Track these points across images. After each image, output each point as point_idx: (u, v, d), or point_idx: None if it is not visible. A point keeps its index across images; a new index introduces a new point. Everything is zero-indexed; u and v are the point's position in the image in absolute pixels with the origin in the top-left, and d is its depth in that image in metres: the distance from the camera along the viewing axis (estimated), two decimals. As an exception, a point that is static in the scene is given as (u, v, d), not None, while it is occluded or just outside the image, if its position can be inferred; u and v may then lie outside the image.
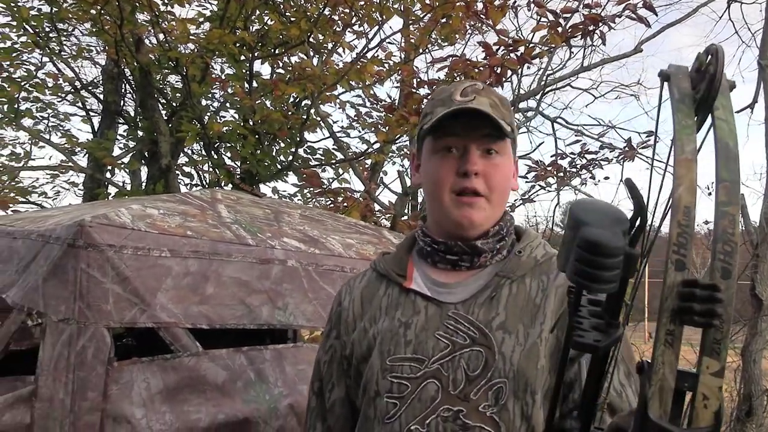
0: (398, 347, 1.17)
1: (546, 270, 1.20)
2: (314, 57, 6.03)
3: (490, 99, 1.19)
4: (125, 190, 5.87)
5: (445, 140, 1.19)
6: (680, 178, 0.64)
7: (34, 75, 5.65)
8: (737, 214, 0.62)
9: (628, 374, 1.14)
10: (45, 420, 1.88)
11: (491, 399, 1.10)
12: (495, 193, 1.19)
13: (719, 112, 0.65)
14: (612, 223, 0.61)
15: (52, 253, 2.01)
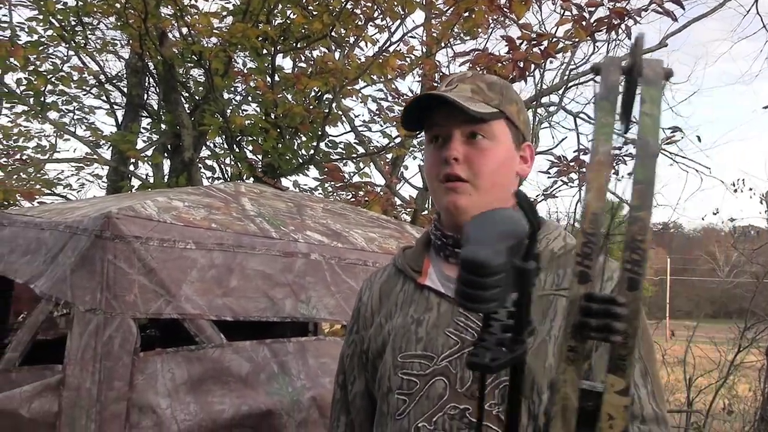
0: (409, 344, 1.17)
1: (563, 263, 1.16)
2: (336, 51, 6.03)
3: (474, 85, 1.19)
4: (148, 182, 5.92)
5: (432, 130, 1.21)
6: (589, 183, 0.59)
7: (60, 68, 5.72)
8: (649, 218, 0.58)
9: (644, 374, 1.08)
10: (72, 408, 1.91)
11: (498, 397, 1.08)
12: (481, 177, 1.16)
13: (645, 106, 0.61)
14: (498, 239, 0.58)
15: (80, 244, 2.04)
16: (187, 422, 1.95)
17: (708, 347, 6.44)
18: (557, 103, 7.88)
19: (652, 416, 1.04)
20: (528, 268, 0.57)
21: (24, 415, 1.97)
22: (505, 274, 0.56)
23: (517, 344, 0.60)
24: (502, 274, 0.56)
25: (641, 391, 1.06)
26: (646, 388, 1.06)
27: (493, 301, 0.56)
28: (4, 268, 2.68)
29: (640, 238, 0.56)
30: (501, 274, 0.56)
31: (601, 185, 0.58)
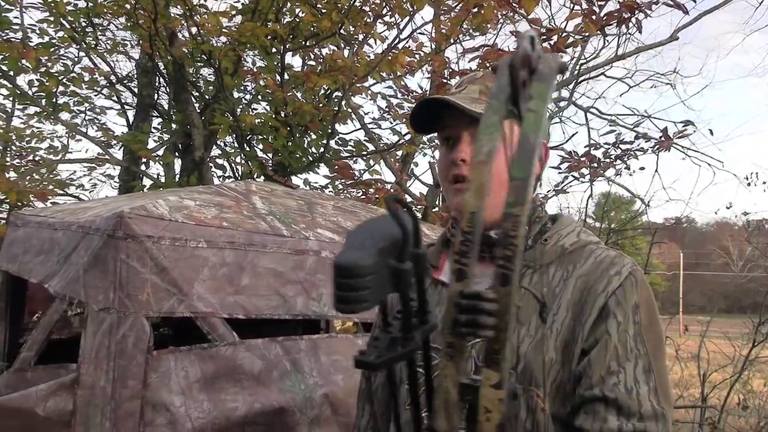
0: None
1: (575, 259, 1.16)
2: (345, 48, 6.03)
3: (482, 85, 1.20)
4: (160, 182, 5.95)
5: (444, 132, 1.22)
6: (469, 182, 0.60)
7: (71, 69, 5.76)
8: (523, 214, 0.57)
9: (648, 370, 1.06)
10: (87, 407, 1.93)
11: None
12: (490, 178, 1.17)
13: (531, 102, 0.60)
14: (368, 243, 0.58)
15: (93, 243, 2.05)
16: (201, 420, 1.96)
17: (722, 342, 6.39)
18: (568, 98, 7.83)
19: (650, 413, 1.02)
20: (403, 268, 0.58)
21: (39, 414, 1.99)
22: (376, 276, 0.57)
23: (407, 341, 0.61)
24: (370, 276, 0.57)
25: (642, 388, 1.04)
26: (648, 385, 1.05)
27: (364, 302, 0.57)
28: (19, 268, 2.70)
29: (513, 234, 0.56)
30: (369, 276, 0.57)
31: (480, 184, 0.58)
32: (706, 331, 6.27)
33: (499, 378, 0.58)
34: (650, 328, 1.09)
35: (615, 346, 1.06)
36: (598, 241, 1.22)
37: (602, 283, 1.10)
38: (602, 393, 1.03)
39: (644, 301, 1.10)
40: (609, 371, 1.04)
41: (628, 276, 1.10)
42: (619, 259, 1.14)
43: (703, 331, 6.29)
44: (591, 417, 1.04)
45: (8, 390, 2.20)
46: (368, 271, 0.57)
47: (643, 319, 1.08)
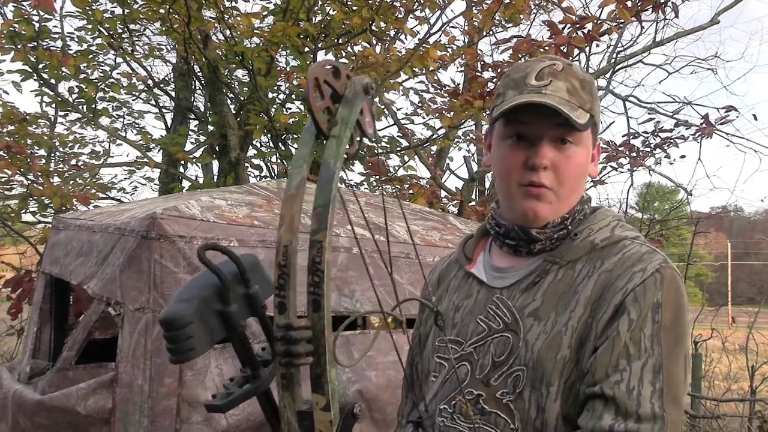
0: (446, 329, 1.19)
1: (605, 255, 1.10)
2: (377, 45, 6.03)
3: (568, 83, 1.11)
4: (198, 183, 6.05)
5: (516, 127, 1.12)
6: (282, 218, 0.61)
7: (109, 75, 5.88)
8: (326, 239, 0.57)
9: (656, 371, 0.99)
10: (125, 404, 1.97)
11: (510, 386, 1.08)
12: (564, 186, 1.11)
13: (335, 129, 0.61)
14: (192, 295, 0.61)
15: (128, 245, 2.10)
16: (236, 416, 1.98)
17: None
18: (605, 87, 7.70)
19: (648, 415, 0.96)
20: (226, 310, 0.61)
21: (80, 412, 2.04)
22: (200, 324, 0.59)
23: (255, 379, 0.65)
24: (191, 324, 0.59)
25: (645, 389, 0.98)
26: (653, 386, 0.98)
27: (191, 350, 0.60)
28: (60, 270, 2.77)
29: (318, 260, 0.57)
30: (190, 325, 0.59)
31: (292, 218, 0.59)
32: (754, 322, 6.10)
33: (325, 401, 0.60)
34: (672, 330, 1.02)
35: (625, 344, 1.01)
36: (636, 236, 1.15)
37: (624, 279, 1.05)
38: (602, 390, 0.99)
39: (670, 300, 1.03)
40: (615, 369, 1.00)
41: (654, 273, 1.04)
42: (649, 255, 1.08)
43: (751, 323, 6.11)
44: (589, 413, 1.00)
45: (52, 389, 2.26)
46: (188, 320, 0.60)
47: (665, 319, 1.02)
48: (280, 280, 0.63)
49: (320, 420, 0.61)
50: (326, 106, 0.66)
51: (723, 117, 5.84)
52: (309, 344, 0.61)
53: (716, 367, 6.29)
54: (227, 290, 0.63)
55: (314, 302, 0.61)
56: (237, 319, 0.64)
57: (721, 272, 24.12)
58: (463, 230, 3.00)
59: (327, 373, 0.61)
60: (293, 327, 0.61)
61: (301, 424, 0.63)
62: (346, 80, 0.66)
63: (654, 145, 5.93)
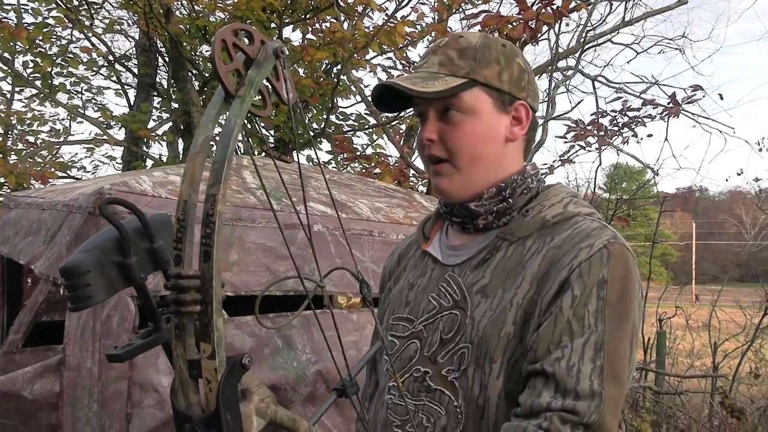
0: (400, 307, 1.20)
1: (556, 231, 1.08)
2: (344, 21, 5.91)
3: (443, 56, 1.11)
4: (162, 162, 5.90)
5: (415, 108, 1.15)
6: (185, 174, 0.63)
7: (67, 49, 5.68)
8: (219, 193, 0.61)
9: (598, 348, 0.97)
10: (74, 388, 1.89)
11: (455, 364, 1.07)
12: (458, 155, 1.10)
13: (241, 89, 0.65)
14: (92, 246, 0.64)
15: (75, 222, 2.00)
16: (190, 399, 1.92)
17: (734, 311, 6.31)
18: (574, 66, 7.68)
19: (586, 393, 0.94)
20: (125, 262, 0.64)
21: (27, 397, 1.96)
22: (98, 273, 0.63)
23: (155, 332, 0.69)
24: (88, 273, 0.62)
25: (585, 366, 0.95)
26: (593, 363, 0.96)
27: (89, 298, 0.63)
28: (9, 250, 2.67)
29: (211, 212, 0.60)
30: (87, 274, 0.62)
31: (193, 174, 0.62)
32: (717, 299, 6.19)
33: (211, 349, 0.62)
34: (617, 306, 0.99)
35: (568, 320, 0.98)
36: (590, 212, 1.12)
37: (570, 256, 1.03)
38: (542, 367, 0.97)
39: (617, 276, 1.00)
40: (557, 345, 0.97)
41: (601, 249, 1.01)
42: (598, 231, 1.05)
43: (714, 301, 6.20)
44: (529, 391, 0.98)
45: (-2, 373, 2.17)
46: (86, 269, 0.63)
47: (611, 295, 0.99)
48: (178, 233, 0.64)
49: (206, 368, 0.63)
50: (235, 68, 0.68)
51: (689, 96, 5.85)
52: (198, 293, 0.62)
53: (680, 344, 6.38)
54: (126, 242, 0.65)
55: (205, 253, 0.62)
56: (136, 271, 0.67)
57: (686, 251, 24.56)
58: (428, 208, 2.95)
59: (213, 322, 0.62)
60: (182, 276, 0.62)
61: (191, 372, 0.64)
62: (260, 45, 0.69)
63: (622, 124, 5.94)
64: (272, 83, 0.71)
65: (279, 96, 0.72)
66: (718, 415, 4.93)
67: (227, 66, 0.67)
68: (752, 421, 4.92)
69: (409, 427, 1.11)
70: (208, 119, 0.66)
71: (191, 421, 0.64)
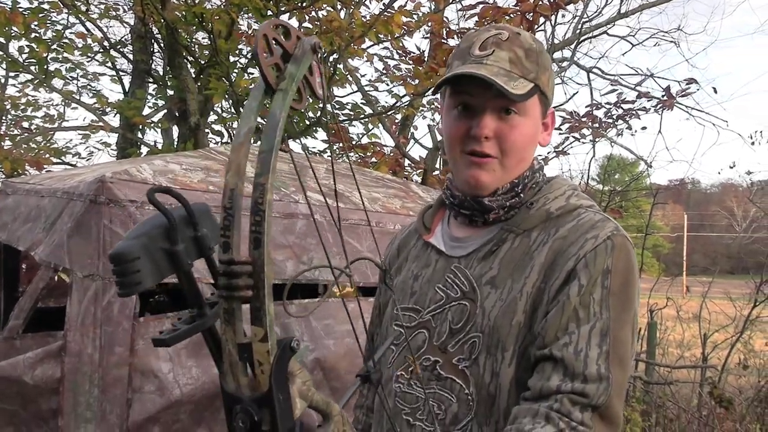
0: (405, 297, 1.21)
1: (559, 223, 1.11)
2: (341, 9, 5.90)
3: (511, 52, 1.10)
4: (157, 149, 5.89)
5: (461, 97, 1.13)
6: (230, 164, 0.66)
7: (62, 35, 5.65)
8: (268, 182, 0.64)
9: (604, 333, 1.01)
10: (74, 374, 1.91)
11: (466, 353, 1.10)
12: (509, 155, 1.12)
13: (282, 83, 0.67)
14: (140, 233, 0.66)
15: (76, 209, 2.02)
16: (189, 386, 1.94)
17: (724, 303, 6.37)
18: (569, 58, 7.70)
19: (594, 376, 0.99)
20: (173, 249, 0.66)
21: (28, 382, 1.98)
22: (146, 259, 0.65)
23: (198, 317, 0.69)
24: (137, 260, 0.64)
25: (592, 351, 1.00)
26: (600, 348, 1.00)
27: (137, 283, 0.64)
28: (8, 236, 2.67)
29: (260, 201, 0.63)
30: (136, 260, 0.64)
31: (239, 164, 0.65)
32: (708, 291, 6.25)
33: (263, 332, 0.64)
34: (620, 296, 1.04)
35: (575, 308, 1.02)
36: (591, 204, 1.16)
37: (576, 246, 1.06)
38: (551, 352, 1.01)
39: (620, 267, 1.05)
40: (564, 331, 1.02)
41: (605, 240, 1.06)
42: (602, 223, 1.09)
43: (705, 292, 6.26)
44: (538, 375, 1.02)
45: (-2, 358, 2.19)
46: (136, 255, 0.64)
47: (614, 285, 1.04)
48: (225, 221, 0.66)
49: (258, 351, 0.65)
50: (275, 62, 0.69)
51: (684, 90, 5.90)
52: (249, 278, 0.65)
53: (670, 335, 6.44)
54: (174, 230, 0.67)
55: (255, 240, 0.64)
56: (184, 258, 0.67)
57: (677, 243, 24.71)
58: (425, 198, 2.98)
59: (265, 306, 0.64)
60: (235, 262, 0.64)
61: (241, 355, 0.66)
62: (296, 41, 0.71)
63: (616, 116, 5.97)
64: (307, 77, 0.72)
65: (313, 90, 0.73)
66: (706, 405, 4.99)
67: (269, 60, 0.68)
68: (740, 411, 4.99)
69: (420, 415, 1.13)
70: (249, 111, 0.68)
71: (241, 402, 0.66)
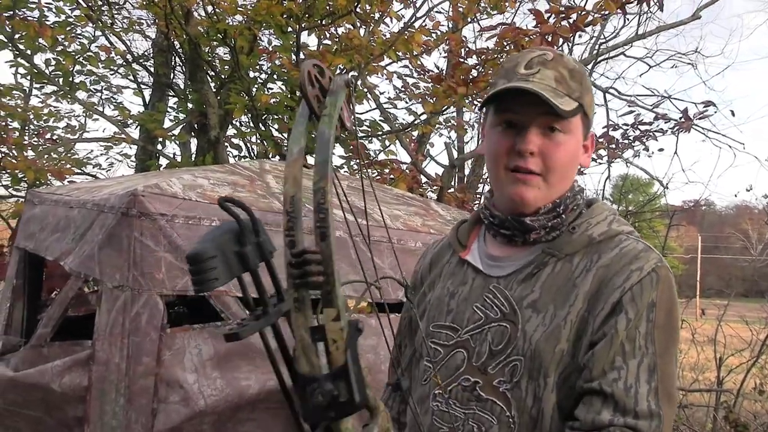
0: (441, 315, 1.21)
1: (601, 249, 1.12)
2: (361, 27, 5.98)
3: (556, 72, 1.13)
4: (176, 161, 5.97)
5: (505, 115, 1.15)
6: (286, 177, 0.74)
7: (88, 48, 5.76)
8: (327, 186, 0.71)
9: (652, 370, 1.03)
10: (102, 383, 1.94)
11: (507, 375, 1.10)
12: (553, 172, 1.13)
13: (325, 110, 0.76)
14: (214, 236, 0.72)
15: (107, 221, 2.06)
16: (214, 397, 1.97)
17: (739, 326, 6.33)
18: (586, 78, 7.72)
19: (645, 413, 1.01)
20: (242, 251, 0.72)
21: (56, 390, 2.02)
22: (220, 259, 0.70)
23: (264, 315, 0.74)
24: (212, 259, 0.70)
25: (642, 387, 1.02)
26: (649, 385, 1.02)
27: (213, 279, 0.70)
28: (35, 246, 2.72)
29: (323, 201, 0.71)
30: (211, 259, 0.70)
31: (295, 176, 0.74)
32: (723, 314, 6.21)
33: (336, 312, 0.70)
34: (665, 329, 1.06)
35: (621, 342, 1.04)
36: (630, 230, 1.17)
37: (621, 277, 1.08)
38: (600, 387, 1.02)
39: (664, 300, 1.07)
40: (611, 366, 1.03)
41: (650, 273, 1.07)
42: (645, 253, 1.10)
43: (720, 315, 6.23)
44: (586, 407, 1.03)
45: (25, 366, 2.23)
46: (210, 255, 0.70)
47: (659, 318, 1.06)
48: (289, 223, 0.73)
49: (331, 329, 0.69)
50: (316, 94, 0.78)
51: (701, 112, 5.90)
52: (319, 266, 0.70)
53: (684, 358, 6.41)
54: (244, 234, 0.73)
55: (321, 234, 0.70)
56: (252, 258, 0.73)
57: (691, 265, 24.53)
58: (444, 216, 3.00)
59: (336, 290, 0.70)
60: (307, 251, 0.70)
61: (313, 337, 0.70)
62: (329, 80, 0.79)
63: (633, 137, 5.98)
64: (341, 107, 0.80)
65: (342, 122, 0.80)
66: (721, 429, 4.95)
67: (311, 91, 0.77)
68: (755, 436, 4.95)
69: None
70: (299, 134, 0.76)
71: (317, 380, 0.69)
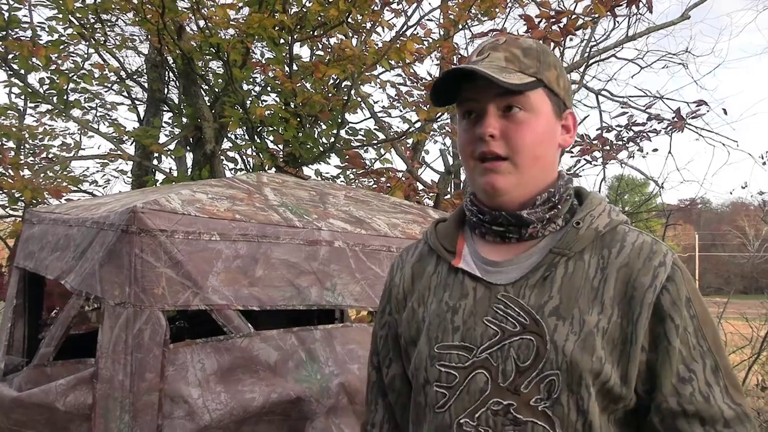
0: (446, 334, 1.10)
1: (608, 243, 1.08)
2: (353, 37, 6.01)
3: (507, 53, 1.09)
4: (172, 176, 5.97)
5: (465, 105, 1.12)
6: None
7: (81, 66, 5.78)
8: None
9: (715, 369, 1.02)
10: (106, 400, 1.95)
11: (543, 392, 1.02)
12: (520, 153, 1.07)
13: None
14: None
15: (107, 239, 2.07)
16: (219, 411, 1.98)
17: (739, 323, 6.35)
18: (578, 81, 7.76)
19: (732, 416, 1.00)
20: None
21: (60, 409, 2.02)
22: None
23: None
24: None
25: (715, 392, 1.00)
26: (719, 385, 1.01)
27: None
28: (35, 265, 2.73)
29: None
30: None
31: None
32: (723, 312, 6.23)
33: None
34: (705, 318, 1.05)
35: (679, 350, 1.02)
36: (626, 220, 1.14)
37: (647, 276, 1.04)
38: (681, 407, 1.01)
39: (692, 290, 1.05)
40: (680, 379, 1.02)
41: (673, 267, 1.05)
42: (657, 246, 1.08)
43: (720, 313, 6.24)
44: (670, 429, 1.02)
45: (28, 386, 2.23)
46: None
47: (698, 310, 1.05)
48: None
49: None
50: None
51: (694, 111, 5.94)
52: None
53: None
54: None
55: None
56: None
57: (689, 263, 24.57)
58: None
59: None
60: None
61: None
62: None
63: (627, 138, 6.01)
64: None
65: None
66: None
67: None
68: (759, 433, 4.95)
69: None
70: None
71: None
